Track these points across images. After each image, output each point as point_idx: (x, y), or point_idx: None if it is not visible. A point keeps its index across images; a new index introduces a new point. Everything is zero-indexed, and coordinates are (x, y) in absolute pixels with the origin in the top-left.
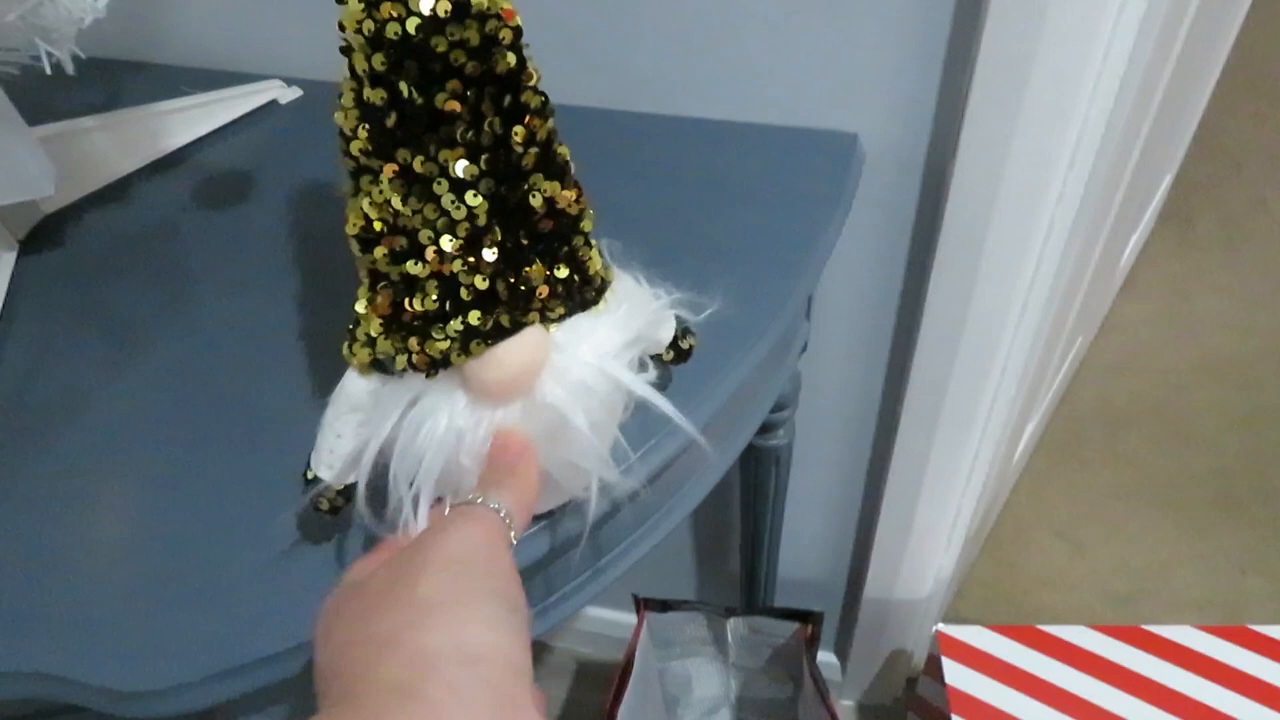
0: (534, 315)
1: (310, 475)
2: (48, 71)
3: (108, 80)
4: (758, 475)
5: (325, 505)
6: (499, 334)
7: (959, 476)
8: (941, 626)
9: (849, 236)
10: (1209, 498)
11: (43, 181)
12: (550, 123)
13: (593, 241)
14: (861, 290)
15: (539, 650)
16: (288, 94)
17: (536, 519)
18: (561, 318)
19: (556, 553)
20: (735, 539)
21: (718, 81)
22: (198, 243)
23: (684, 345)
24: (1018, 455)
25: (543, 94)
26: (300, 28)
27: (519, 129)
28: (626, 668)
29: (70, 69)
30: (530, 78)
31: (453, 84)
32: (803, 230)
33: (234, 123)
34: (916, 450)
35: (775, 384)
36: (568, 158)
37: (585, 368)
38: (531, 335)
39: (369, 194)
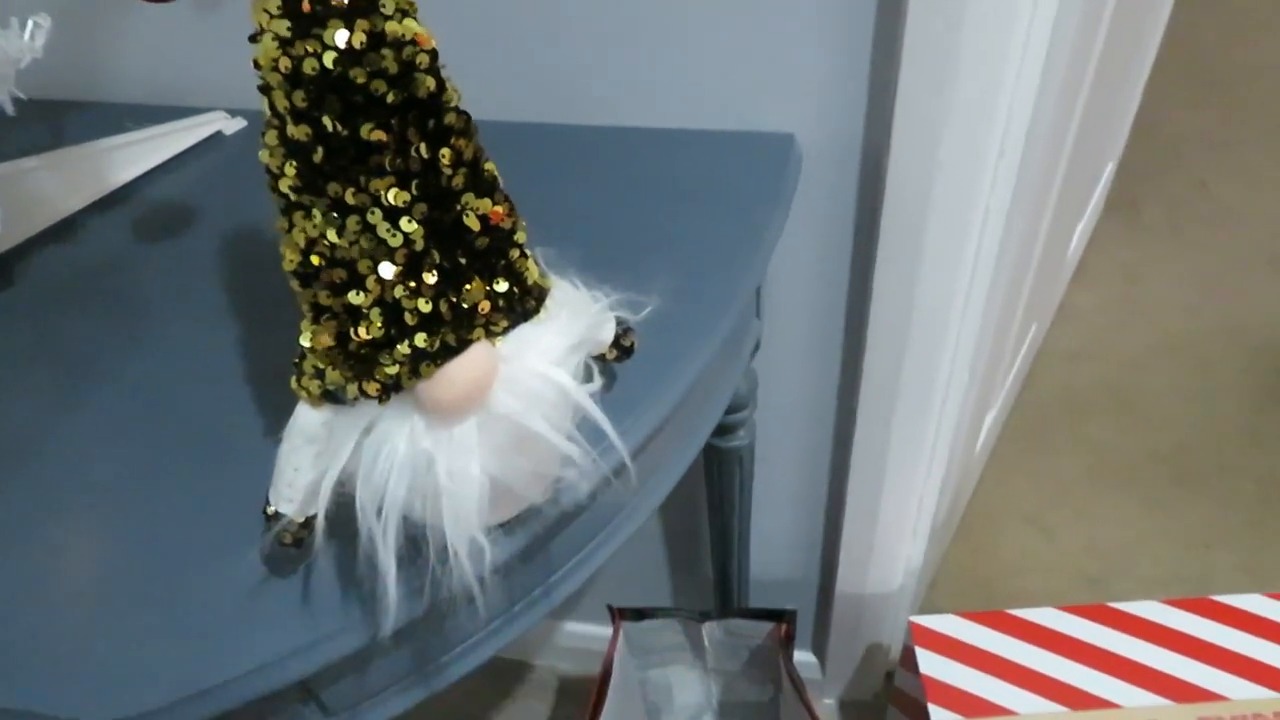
0: (479, 331)
1: (270, 511)
2: None
3: (49, 120)
4: (722, 477)
5: (288, 539)
6: (447, 353)
7: (919, 466)
8: (914, 617)
9: (794, 234)
10: (1171, 475)
11: None
12: (475, 140)
13: (528, 252)
14: (810, 287)
15: (520, 669)
16: (232, 125)
17: (504, 524)
18: (506, 330)
19: (531, 551)
20: (706, 544)
21: (653, 91)
22: (148, 277)
23: (625, 343)
24: (980, 444)
25: (464, 113)
26: (241, 58)
27: (446, 151)
28: (604, 679)
29: (10, 110)
30: (451, 99)
31: (376, 113)
32: (745, 231)
33: (179, 156)
34: (876, 443)
35: (730, 382)
36: (495, 173)
37: (534, 376)
38: (479, 351)
39: (303, 229)
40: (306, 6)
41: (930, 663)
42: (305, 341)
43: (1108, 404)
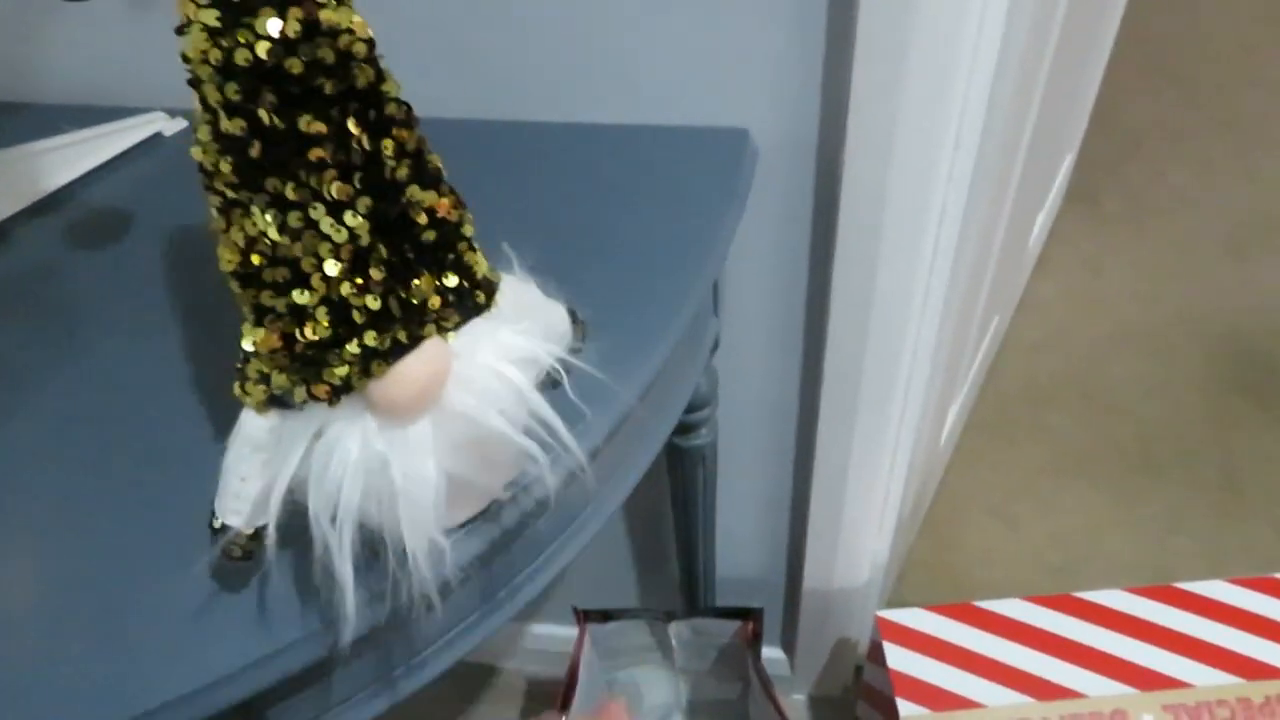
0: (430, 327)
1: (217, 524)
2: None
3: None
4: (685, 476)
5: (237, 553)
6: (398, 351)
7: (883, 461)
8: (881, 611)
9: (751, 230)
10: (1132, 465)
11: None
12: (417, 131)
13: (476, 245)
14: (769, 283)
15: (487, 673)
16: (172, 126)
17: (463, 525)
18: (457, 325)
19: (492, 553)
20: (671, 543)
21: (606, 86)
22: (84, 284)
23: (576, 335)
24: (945, 436)
25: (405, 103)
26: (179, 57)
27: (388, 142)
28: (571, 683)
29: None
30: (390, 89)
31: (314, 105)
32: (699, 228)
33: (117, 158)
34: (839, 438)
35: (689, 381)
36: (439, 164)
37: (488, 372)
38: (431, 347)
39: (242, 228)
40: None
41: (898, 657)
42: (248, 345)
43: (1070, 394)
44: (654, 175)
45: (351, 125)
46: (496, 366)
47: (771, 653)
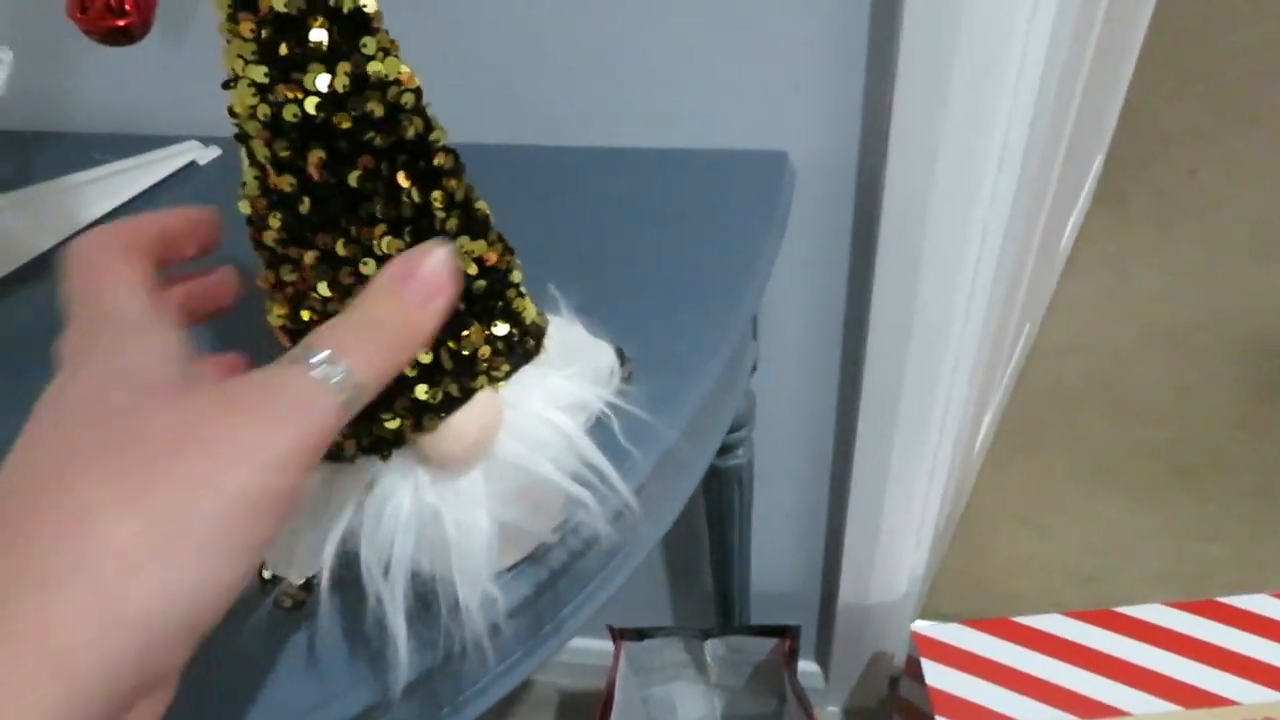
0: (481, 379)
1: (268, 575)
2: None
3: (13, 154)
4: (721, 496)
5: (288, 603)
6: (450, 404)
7: (921, 477)
8: (918, 627)
9: (789, 252)
10: (1165, 470)
11: None
12: (465, 180)
13: (524, 291)
14: (806, 304)
15: (520, 686)
16: (206, 154)
17: (511, 568)
18: (508, 374)
19: (538, 594)
20: (706, 559)
21: (639, 110)
22: None
23: (624, 375)
24: (978, 444)
25: (452, 151)
26: (212, 86)
27: (438, 194)
28: (607, 702)
29: None
30: (439, 138)
31: (364, 159)
32: (739, 254)
33: (153, 188)
34: (877, 456)
35: (729, 407)
36: (487, 211)
37: (538, 420)
38: (482, 399)
39: (291, 282)
40: (284, 50)
41: (936, 674)
42: None
43: (1100, 399)
44: (690, 201)
45: (401, 178)
46: (546, 414)
47: (806, 665)
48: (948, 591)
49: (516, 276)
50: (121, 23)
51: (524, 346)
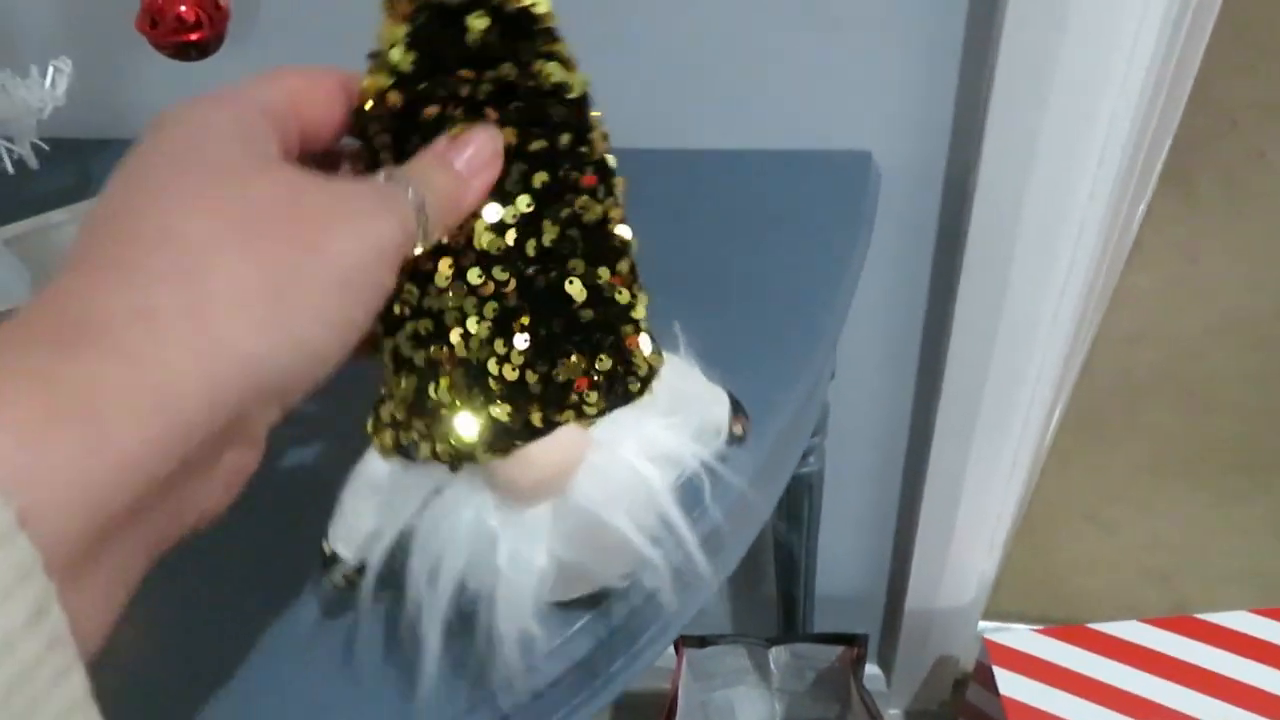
0: (569, 413)
1: (329, 550)
2: (9, 170)
3: (73, 163)
4: (789, 504)
5: (341, 581)
6: (530, 433)
7: (998, 482)
8: (988, 634)
9: (869, 254)
10: (1236, 463)
11: (16, 287)
12: (604, 206)
13: (644, 328)
14: (885, 308)
15: None
16: None
17: (568, 603)
18: (601, 413)
19: (596, 650)
20: (769, 563)
21: (716, 109)
22: None
23: (737, 431)
24: (1048, 440)
25: (601, 172)
26: None
27: (558, 208)
28: (671, 710)
29: (33, 162)
30: (588, 155)
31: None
32: (826, 259)
33: None
34: (953, 460)
35: (809, 419)
36: (626, 240)
37: (626, 467)
38: (566, 435)
39: None
40: (437, 42)
41: (1009, 683)
42: (384, 390)
43: (1168, 390)
44: (775, 202)
45: (511, 185)
46: (634, 463)
47: (869, 669)
48: (1011, 589)
49: (639, 312)
50: (194, 36)
51: (627, 387)
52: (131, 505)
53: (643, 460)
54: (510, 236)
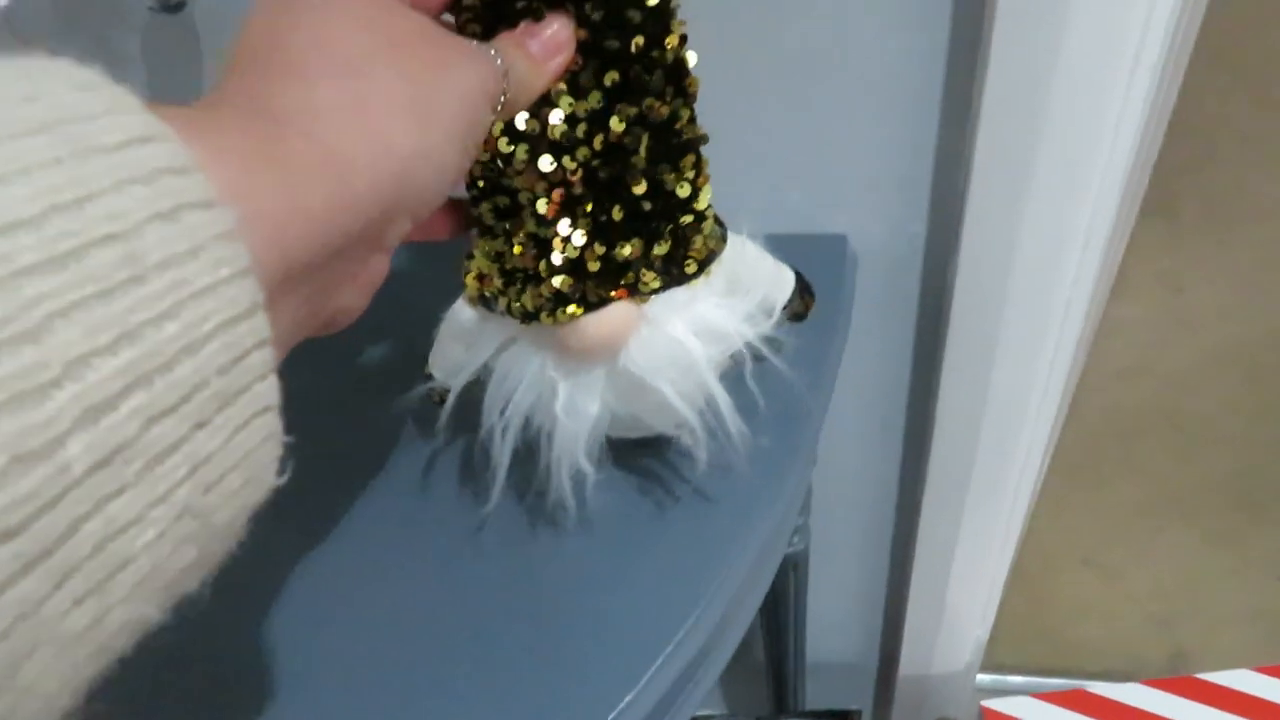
0: (624, 290)
1: (428, 371)
2: None
3: None
4: (776, 583)
5: (436, 398)
6: (586, 306)
7: (990, 551)
8: (986, 700)
9: (850, 335)
10: (1233, 502)
11: None
12: (672, 106)
13: (708, 216)
14: (867, 390)
15: None
16: None
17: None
18: (655, 291)
19: None
20: (759, 633)
21: None
22: None
23: (798, 307)
24: (1037, 486)
25: (673, 74)
26: None
27: (627, 108)
28: None
29: None
30: (660, 58)
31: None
32: (805, 345)
33: None
34: (943, 532)
35: (792, 511)
36: (692, 137)
37: (673, 342)
38: (618, 310)
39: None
40: None
41: None
42: (473, 248)
43: (1160, 427)
44: None
45: (585, 80)
46: (681, 338)
47: None
48: (1008, 641)
49: (700, 204)
50: None
51: (683, 269)
52: (306, 263)
53: (689, 335)
54: (581, 130)
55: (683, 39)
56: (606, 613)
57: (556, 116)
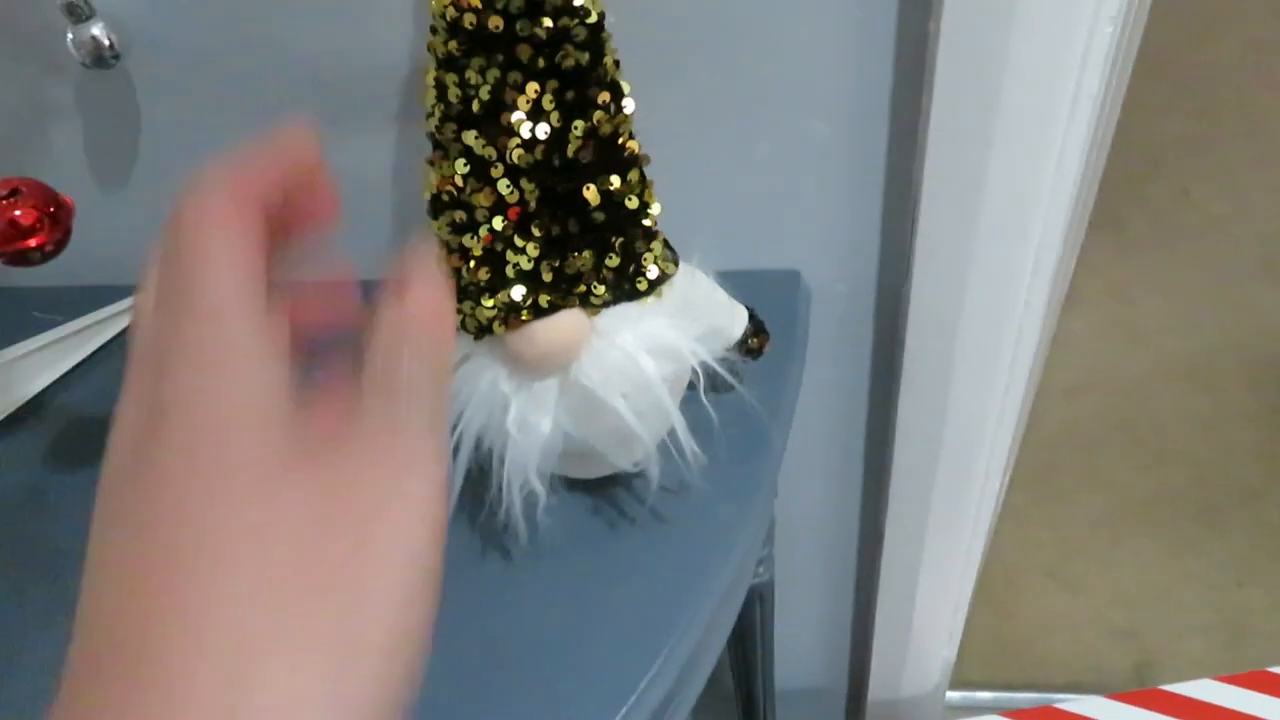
0: (574, 300)
1: None
2: None
3: None
4: (743, 614)
5: None
6: (537, 313)
7: (954, 572)
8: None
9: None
10: (1191, 511)
11: None
12: (618, 120)
13: (656, 233)
14: (827, 419)
15: None
16: None
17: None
18: (606, 304)
19: None
20: (727, 662)
21: None
22: (67, 512)
23: (753, 345)
24: (998, 504)
25: (616, 90)
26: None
27: (579, 123)
28: None
29: None
30: (603, 75)
31: (514, 76)
32: (763, 378)
33: (101, 350)
34: (906, 558)
35: (756, 542)
36: (636, 152)
37: (622, 355)
38: (567, 318)
39: (441, 167)
40: None
41: None
42: None
43: (1116, 439)
44: None
45: (546, 101)
46: (631, 352)
47: None
48: (976, 656)
49: (649, 220)
50: (33, 242)
51: (634, 285)
52: None
53: (639, 350)
54: (539, 152)
55: (616, 63)
56: (575, 649)
57: (518, 140)
